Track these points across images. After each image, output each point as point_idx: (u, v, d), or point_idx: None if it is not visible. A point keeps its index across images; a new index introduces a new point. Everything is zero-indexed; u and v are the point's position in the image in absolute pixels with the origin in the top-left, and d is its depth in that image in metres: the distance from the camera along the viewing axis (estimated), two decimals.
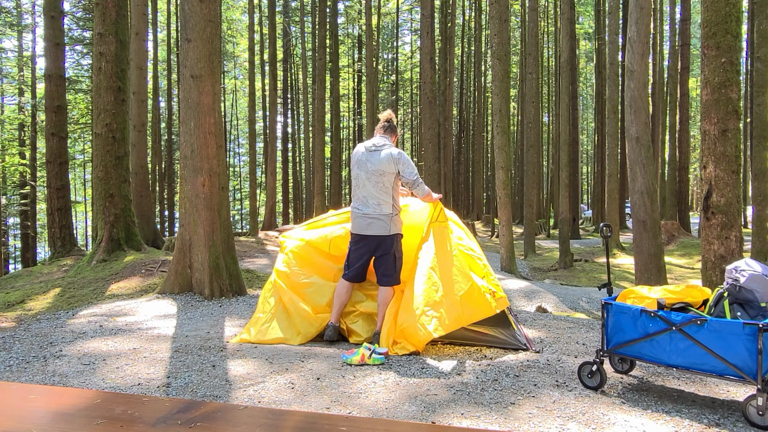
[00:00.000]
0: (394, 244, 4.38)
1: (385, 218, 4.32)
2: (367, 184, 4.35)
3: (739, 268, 3.06)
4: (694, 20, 28.65)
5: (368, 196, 4.35)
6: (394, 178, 4.36)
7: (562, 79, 17.94)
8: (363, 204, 4.37)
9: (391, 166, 4.32)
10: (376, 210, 4.32)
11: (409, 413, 3.04)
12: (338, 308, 4.49)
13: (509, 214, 13.25)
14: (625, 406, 3.09)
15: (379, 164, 4.32)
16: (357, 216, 4.41)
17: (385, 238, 4.34)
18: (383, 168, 4.31)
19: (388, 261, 4.37)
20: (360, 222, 4.38)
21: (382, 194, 4.33)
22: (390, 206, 4.34)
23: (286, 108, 33.09)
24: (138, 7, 13.04)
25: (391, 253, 4.37)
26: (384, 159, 4.32)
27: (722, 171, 5.24)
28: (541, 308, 7.16)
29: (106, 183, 9.67)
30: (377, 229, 4.33)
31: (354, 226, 4.44)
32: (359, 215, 4.39)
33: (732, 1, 5.25)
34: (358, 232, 4.40)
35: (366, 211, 4.35)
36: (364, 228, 4.36)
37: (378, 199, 4.33)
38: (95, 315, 5.94)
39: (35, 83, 23.55)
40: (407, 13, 39.42)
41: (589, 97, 46.30)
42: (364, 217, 4.35)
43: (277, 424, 0.91)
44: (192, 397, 3.36)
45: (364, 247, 4.40)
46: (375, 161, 4.34)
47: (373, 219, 4.32)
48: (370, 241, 4.37)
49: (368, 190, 4.34)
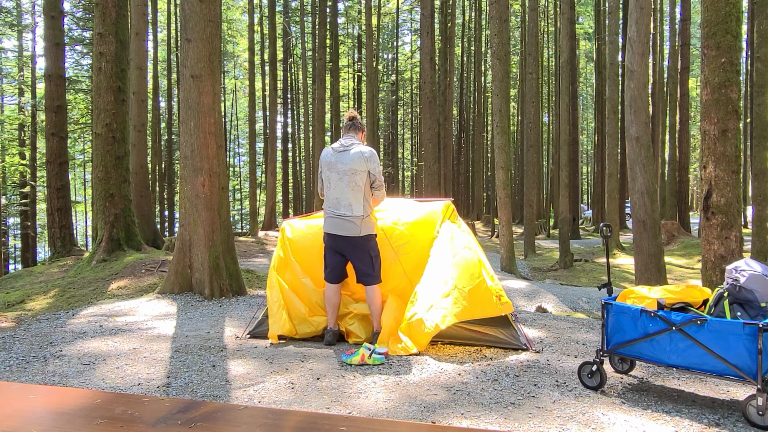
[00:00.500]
0: (366, 243, 4.35)
1: (356, 219, 4.28)
2: (339, 185, 4.31)
3: (739, 268, 3.06)
4: (694, 20, 28.65)
5: (340, 197, 4.31)
6: (366, 176, 4.33)
7: (562, 79, 17.94)
8: (335, 206, 4.34)
9: (362, 165, 4.29)
10: (347, 211, 4.29)
11: (409, 413, 3.04)
12: (332, 312, 4.48)
13: (509, 214, 13.25)
14: (625, 406, 3.09)
15: (351, 163, 4.28)
16: (328, 217, 4.39)
17: (356, 239, 4.31)
18: (354, 167, 4.28)
19: (363, 261, 4.34)
20: (331, 222, 4.36)
21: (354, 194, 4.29)
22: (361, 207, 4.30)
23: (286, 108, 33.09)
24: (138, 7, 13.04)
25: (365, 252, 4.34)
26: (354, 157, 4.29)
27: (722, 171, 5.24)
28: (541, 308, 7.16)
29: (106, 183, 9.67)
30: (348, 230, 4.30)
31: (326, 226, 4.42)
32: (330, 216, 4.37)
33: (732, 1, 5.25)
34: (330, 231, 4.38)
35: (338, 212, 4.32)
36: (335, 228, 4.34)
37: (350, 200, 4.29)
38: (95, 315, 5.94)
39: (35, 83, 23.55)
40: (407, 13, 39.41)
41: (589, 97, 46.30)
42: (335, 218, 4.33)
43: (277, 424, 0.91)
44: (192, 397, 3.36)
45: (336, 247, 4.38)
46: (346, 161, 4.30)
47: (344, 220, 4.30)
48: (340, 241, 4.34)
49: (340, 191, 4.31)
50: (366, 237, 4.35)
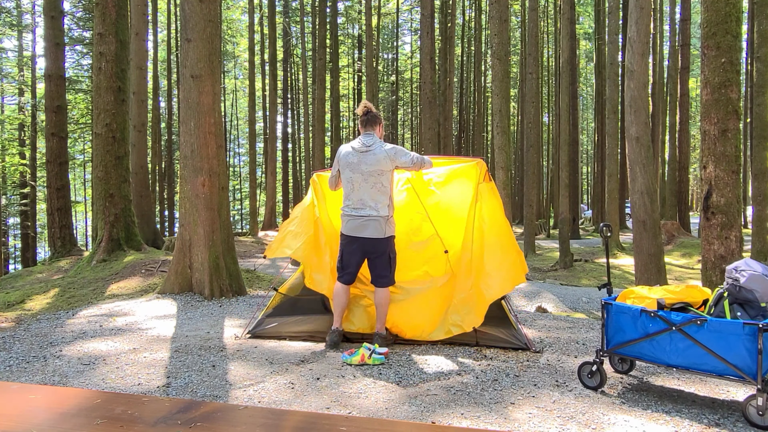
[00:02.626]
0: (389, 245, 4.31)
1: (381, 220, 4.22)
2: (363, 186, 4.22)
3: (739, 268, 3.06)
4: (694, 20, 28.65)
5: (365, 198, 4.22)
6: (391, 175, 4.29)
7: (562, 79, 17.94)
8: (358, 206, 4.25)
9: (388, 164, 4.21)
10: (373, 213, 4.21)
11: (409, 413, 3.04)
12: (340, 312, 4.40)
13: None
14: (625, 406, 3.09)
15: (376, 164, 4.19)
16: (351, 218, 4.28)
17: (380, 240, 4.24)
18: (381, 167, 4.20)
19: (383, 262, 4.29)
20: (353, 223, 4.26)
21: (379, 195, 4.23)
22: (386, 207, 4.25)
23: (286, 108, 33.10)
24: (138, 7, 13.04)
25: (386, 254, 4.29)
26: (381, 158, 4.19)
27: (722, 171, 5.24)
28: (541, 308, 7.16)
29: (106, 183, 9.67)
30: (372, 231, 4.22)
31: (347, 228, 4.31)
32: (353, 217, 4.26)
33: (732, 1, 5.25)
34: (351, 234, 4.28)
35: (362, 213, 4.23)
36: (358, 230, 4.25)
37: (376, 201, 4.22)
38: (95, 315, 5.94)
39: (35, 83, 23.54)
40: (407, 13, 39.40)
41: (589, 97, 46.28)
42: (359, 218, 4.24)
43: (277, 424, 0.91)
44: (192, 397, 3.36)
45: (358, 249, 4.30)
46: (370, 161, 4.20)
47: (369, 221, 4.21)
48: (364, 243, 4.26)
49: (365, 192, 4.22)
50: (389, 238, 4.30)
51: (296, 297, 4.83)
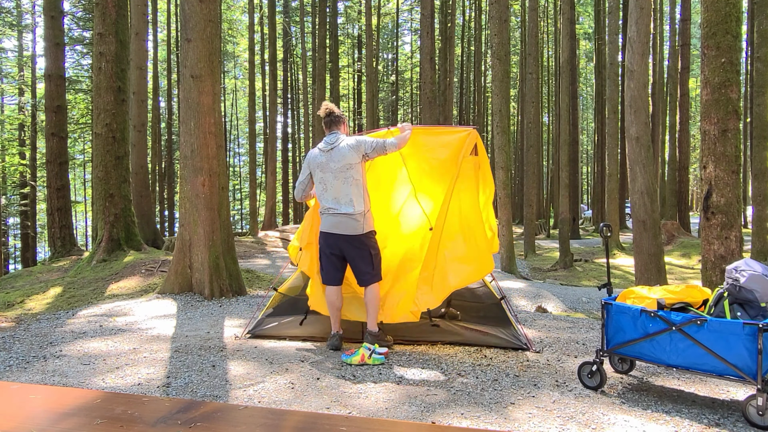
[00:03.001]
0: (367, 241, 4.25)
1: (358, 216, 4.18)
2: (335, 183, 4.21)
3: (739, 268, 3.06)
4: (694, 20, 28.64)
5: (339, 195, 4.21)
6: (361, 167, 4.25)
7: (562, 79, 17.94)
8: (334, 204, 4.22)
9: (354, 156, 4.20)
10: (349, 208, 4.18)
11: (409, 413, 3.04)
12: (336, 315, 4.36)
13: (509, 214, 13.25)
14: (625, 406, 3.09)
15: (342, 159, 4.18)
16: (327, 215, 4.26)
17: (358, 237, 4.21)
18: (348, 161, 4.19)
19: (364, 260, 4.23)
20: (330, 220, 4.24)
21: (352, 189, 4.20)
22: (362, 202, 4.22)
23: (286, 108, 33.10)
24: (138, 7, 13.04)
25: (366, 251, 4.23)
26: (346, 152, 4.19)
27: (722, 171, 5.24)
28: (541, 308, 7.16)
29: (106, 183, 9.67)
30: (349, 228, 4.19)
31: (324, 225, 4.28)
32: (330, 214, 4.24)
33: (732, 1, 5.25)
34: (329, 231, 4.25)
35: (339, 210, 4.20)
36: (335, 227, 4.22)
37: (349, 196, 4.19)
38: (95, 315, 5.94)
39: (35, 83, 23.55)
40: (407, 13, 39.39)
41: (589, 97, 46.28)
42: (336, 215, 4.21)
43: (277, 424, 0.91)
44: (192, 397, 3.36)
45: (334, 249, 4.27)
46: (337, 158, 4.20)
47: (345, 218, 4.19)
48: (340, 241, 4.23)
49: (338, 189, 4.20)
50: (367, 234, 4.25)
51: (296, 297, 4.83)
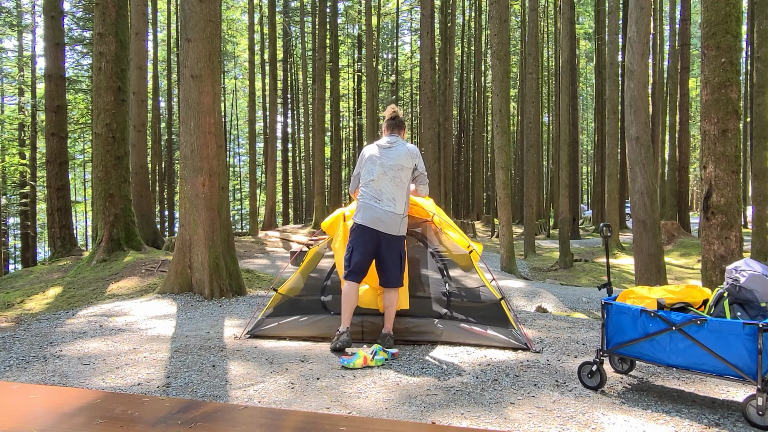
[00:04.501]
0: (401, 244, 4.31)
1: (397, 217, 4.23)
2: (383, 179, 4.26)
3: (739, 268, 3.06)
4: (694, 20, 28.64)
5: (383, 191, 4.25)
6: (410, 174, 4.34)
7: (562, 79, 17.94)
8: (376, 197, 4.24)
9: (409, 161, 4.31)
10: (389, 207, 4.22)
11: (409, 413, 3.04)
12: (349, 312, 4.26)
13: (509, 214, 13.25)
14: (625, 406, 3.09)
15: (398, 159, 4.29)
16: (367, 207, 4.24)
17: (394, 237, 4.25)
18: (402, 162, 4.28)
19: (394, 261, 4.25)
20: (370, 213, 4.22)
21: (397, 191, 4.25)
22: (403, 205, 4.28)
23: (286, 108, 33.10)
24: (138, 7, 13.04)
25: (398, 252, 4.29)
26: (402, 154, 4.31)
27: (722, 171, 5.24)
28: (541, 308, 7.16)
29: (106, 183, 9.67)
30: (387, 227, 4.21)
31: (362, 217, 4.25)
32: (371, 206, 4.23)
33: (732, 1, 5.25)
34: (366, 224, 4.21)
35: (380, 205, 4.22)
36: (374, 222, 4.21)
37: (393, 195, 4.24)
38: (95, 315, 5.94)
39: (35, 83, 23.55)
40: (407, 13, 39.41)
41: (589, 97, 46.29)
42: (377, 209, 4.22)
43: (277, 424, 0.91)
44: (192, 397, 3.36)
45: (370, 241, 4.23)
46: (393, 156, 4.31)
47: (386, 214, 4.21)
48: (378, 236, 4.23)
49: (384, 185, 4.25)
50: (402, 237, 4.32)
51: (296, 297, 4.83)
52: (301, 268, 4.92)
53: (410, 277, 4.93)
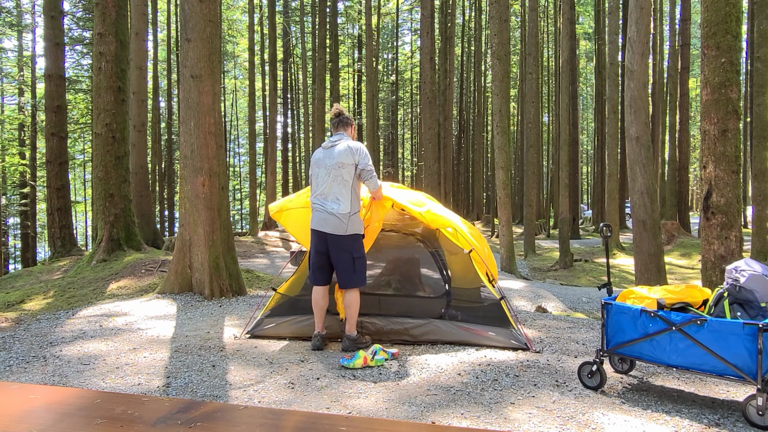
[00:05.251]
0: (351, 243, 4.20)
1: (343, 217, 4.17)
2: (326, 179, 4.23)
3: (739, 268, 3.06)
4: (694, 20, 28.64)
5: (327, 192, 4.22)
6: (353, 170, 4.24)
7: (562, 79, 17.94)
8: (321, 200, 4.25)
9: (349, 158, 4.22)
10: (334, 205, 4.18)
11: (409, 413, 3.04)
12: (320, 316, 4.34)
13: (509, 214, 13.25)
14: (625, 406, 3.09)
15: (339, 157, 4.22)
16: (315, 211, 4.29)
17: (341, 238, 4.18)
18: (342, 160, 4.21)
19: (344, 261, 4.19)
20: (317, 217, 4.26)
21: (341, 189, 4.20)
22: (349, 203, 4.20)
23: (286, 108, 33.09)
24: (138, 7, 13.04)
25: (348, 252, 4.19)
26: (342, 151, 4.24)
27: (722, 171, 5.24)
28: (541, 308, 7.16)
29: (106, 183, 9.67)
30: (333, 227, 4.17)
31: (312, 221, 4.31)
32: (317, 210, 4.27)
33: (732, 1, 5.25)
34: (315, 227, 4.27)
35: (324, 206, 4.22)
36: (320, 224, 4.23)
37: (337, 195, 4.20)
38: (95, 315, 5.94)
39: (35, 83, 23.53)
40: (407, 13, 39.39)
41: (589, 97, 46.28)
42: (322, 212, 4.23)
43: (277, 424, 0.91)
44: (192, 397, 3.36)
45: (320, 244, 4.25)
46: (334, 155, 4.25)
47: (330, 216, 4.19)
48: (324, 238, 4.23)
49: (327, 186, 4.23)
50: (352, 236, 4.21)
51: (295, 297, 4.83)
52: (300, 267, 4.92)
53: (410, 277, 4.92)
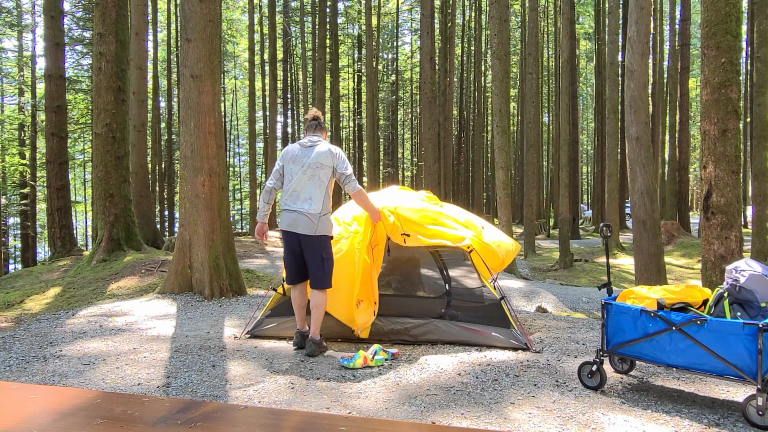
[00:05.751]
0: (320, 244, 4.21)
1: (313, 217, 4.17)
2: (302, 178, 4.23)
3: (739, 269, 3.06)
4: (694, 20, 28.64)
5: (300, 189, 4.23)
6: (330, 173, 4.28)
7: (562, 79, 17.94)
8: (293, 198, 4.24)
9: (328, 160, 4.24)
10: (305, 205, 4.19)
11: (409, 413, 3.04)
12: (300, 313, 4.36)
13: (509, 214, 13.25)
14: (625, 406, 3.09)
15: (317, 157, 4.23)
16: (285, 212, 4.29)
17: (311, 237, 4.18)
18: (320, 160, 4.23)
19: (314, 261, 4.20)
20: (287, 217, 4.27)
21: (315, 189, 4.22)
22: (321, 203, 4.20)
23: (286, 108, 33.09)
24: (138, 7, 13.04)
25: (318, 253, 4.20)
26: (322, 152, 4.25)
27: (722, 171, 5.24)
28: (541, 308, 7.16)
29: (106, 183, 9.67)
30: (303, 227, 4.17)
31: (282, 222, 4.32)
32: (287, 209, 4.27)
33: (732, 1, 5.25)
34: (286, 228, 4.28)
35: (294, 206, 4.22)
36: (290, 224, 4.23)
37: (310, 194, 4.21)
38: (95, 315, 5.94)
39: (35, 83, 23.53)
40: (407, 13, 39.38)
41: (589, 97, 46.27)
42: (292, 212, 4.23)
43: (277, 424, 0.91)
44: (192, 397, 3.36)
45: (292, 244, 4.27)
46: (312, 154, 4.26)
47: (300, 215, 4.19)
48: (296, 238, 4.23)
49: (301, 183, 4.23)
50: (321, 237, 4.21)
51: None
52: None
53: (410, 277, 4.92)
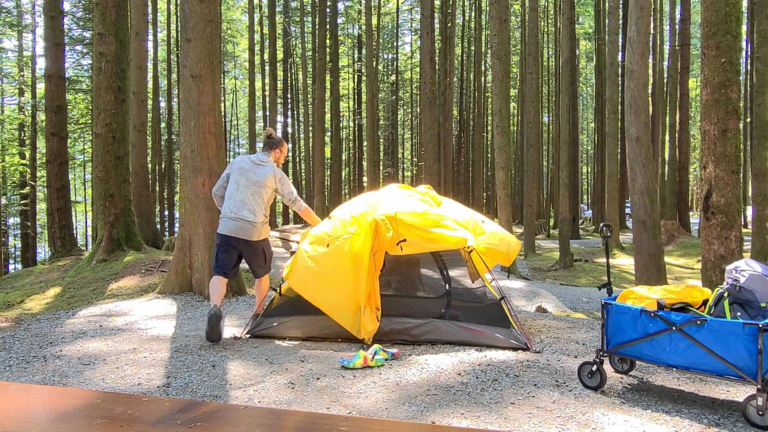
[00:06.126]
0: (262, 245, 4.94)
1: (257, 225, 4.80)
2: (245, 192, 4.80)
3: (739, 268, 3.06)
4: (694, 20, 28.65)
5: (245, 201, 4.78)
6: (271, 192, 4.91)
7: (562, 79, 17.94)
8: (238, 208, 4.77)
9: (272, 182, 4.86)
10: (250, 215, 4.77)
11: (409, 413, 3.04)
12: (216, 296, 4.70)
13: (509, 214, 13.25)
14: (625, 406, 3.09)
15: (263, 178, 4.82)
16: (229, 219, 4.77)
17: (255, 242, 4.85)
18: (265, 182, 4.83)
19: (257, 258, 4.92)
20: (231, 224, 4.76)
21: (257, 203, 4.80)
22: (261, 215, 4.84)
23: (286, 108, 33.09)
24: (138, 7, 13.04)
25: (261, 252, 4.93)
26: (268, 174, 4.84)
27: (722, 171, 5.24)
28: (541, 308, 7.16)
29: (106, 183, 9.67)
30: (248, 234, 4.77)
31: (225, 228, 4.79)
32: (231, 218, 4.76)
33: (732, 1, 5.25)
34: (228, 233, 4.77)
35: (240, 215, 4.75)
36: (235, 231, 4.75)
37: (253, 207, 4.79)
38: (95, 315, 5.94)
39: (35, 83, 23.53)
40: (407, 13, 39.40)
41: (589, 97, 46.27)
42: (237, 220, 4.75)
43: (277, 424, 0.91)
44: (192, 397, 3.36)
45: (233, 249, 4.81)
46: (259, 173, 4.83)
47: (245, 223, 4.76)
48: (238, 243, 4.78)
49: (245, 197, 4.79)
50: (262, 240, 4.93)
51: (295, 297, 4.83)
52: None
53: (410, 277, 4.92)
